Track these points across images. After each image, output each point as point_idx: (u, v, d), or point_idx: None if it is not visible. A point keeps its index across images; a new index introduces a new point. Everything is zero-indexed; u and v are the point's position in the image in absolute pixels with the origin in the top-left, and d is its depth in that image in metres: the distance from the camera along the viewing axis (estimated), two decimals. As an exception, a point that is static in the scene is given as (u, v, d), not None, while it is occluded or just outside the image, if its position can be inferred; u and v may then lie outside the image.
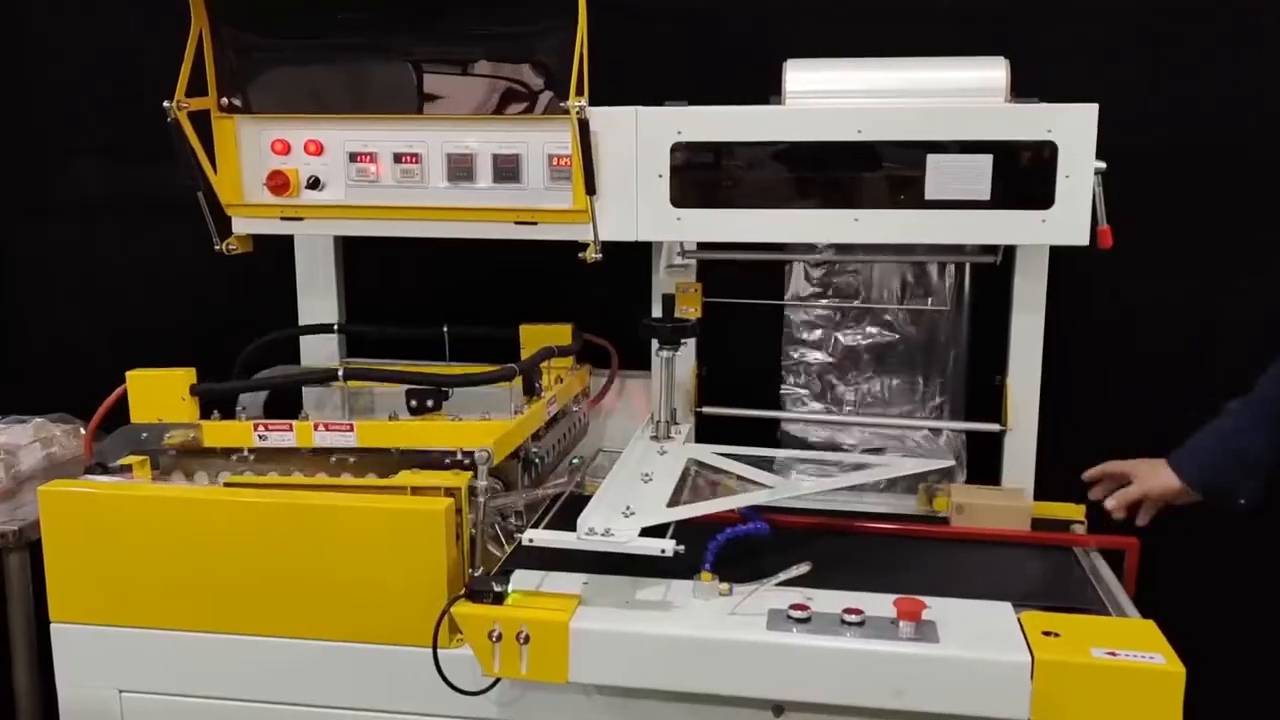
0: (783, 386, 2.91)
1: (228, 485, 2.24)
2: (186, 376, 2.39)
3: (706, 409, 2.83)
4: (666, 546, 1.85)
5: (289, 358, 2.99)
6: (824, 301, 2.85)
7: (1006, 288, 2.67)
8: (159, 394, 2.38)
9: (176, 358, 2.46)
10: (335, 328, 2.97)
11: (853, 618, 1.87)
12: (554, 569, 2.04)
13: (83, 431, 2.92)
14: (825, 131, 2.41)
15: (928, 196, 2.38)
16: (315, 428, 2.32)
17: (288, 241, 2.97)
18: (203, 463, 2.42)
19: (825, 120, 2.40)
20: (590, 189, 2.43)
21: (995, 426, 2.69)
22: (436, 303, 3.06)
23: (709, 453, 2.35)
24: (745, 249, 2.72)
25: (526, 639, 1.88)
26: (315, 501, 2.14)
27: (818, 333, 2.88)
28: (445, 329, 2.94)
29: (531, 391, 2.46)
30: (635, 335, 2.63)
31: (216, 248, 2.68)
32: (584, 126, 2.37)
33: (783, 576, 1.92)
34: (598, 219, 2.46)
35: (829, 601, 1.93)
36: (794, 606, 1.89)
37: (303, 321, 3.05)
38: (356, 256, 3.06)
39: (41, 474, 2.86)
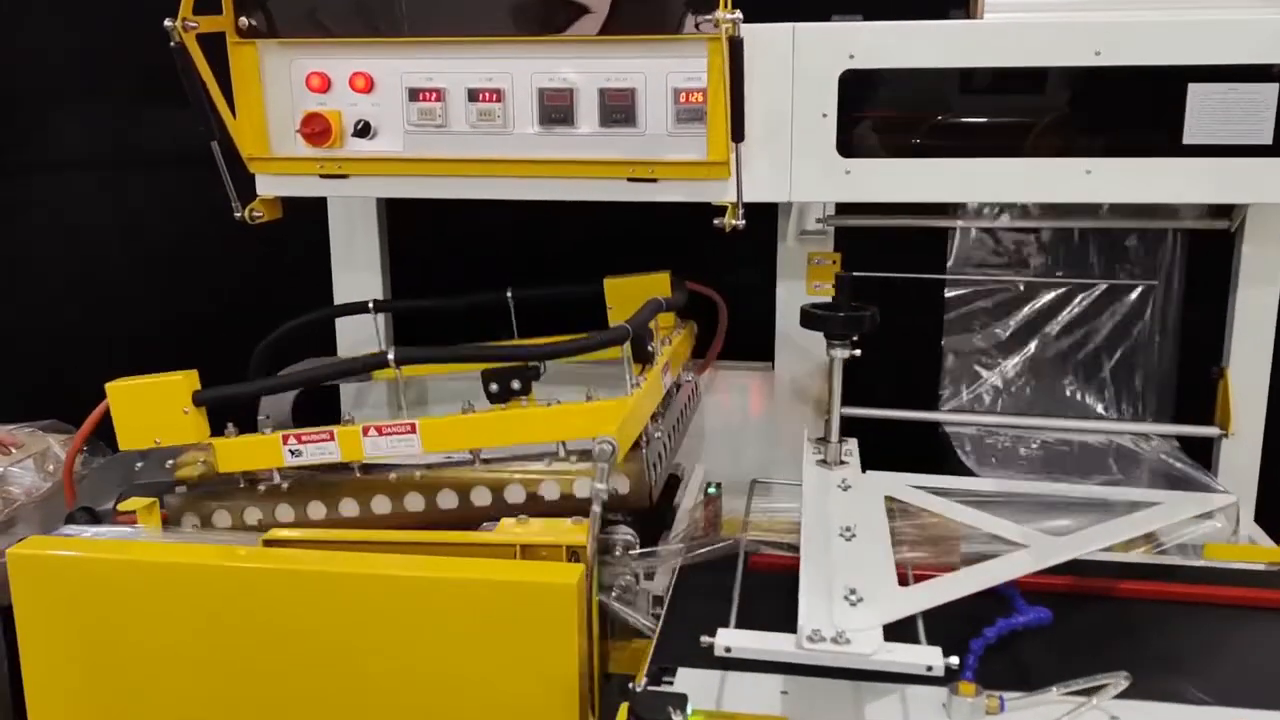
0: (942, 380, 2.26)
1: (265, 543, 1.56)
2: (186, 382, 1.69)
3: (846, 410, 2.18)
4: (934, 662, 1.20)
5: (320, 350, 2.31)
6: (1000, 275, 2.19)
7: (1226, 259, 2.04)
8: (153, 408, 1.69)
9: (179, 355, 1.79)
10: (370, 306, 2.26)
11: (1199, 758, 1.23)
12: (723, 664, 1.38)
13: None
14: (1051, 54, 1.73)
15: (1186, 140, 1.72)
16: (365, 433, 1.65)
17: (320, 204, 2.29)
18: (220, 497, 1.75)
19: (1052, 39, 1.72)
20: (738, 134, 1.75)
21: (1211, 430, 2.06)
22: (479, 276, 2.33)
23: (903, 485, 1.69)
24: (905, 211, 2.07)
25: (726, 792, 1.24)
26: (383, 569, 1.47)
27: (986, 315, 2.23)
28: (510, 293, 2.23)
29: (645, 358, 1.77)
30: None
31: (236, 215, 1.98)
32: (736, 48, 1.68)
33: (1082, 684, 1.28)
34: (743, 174, 1.79)
35: (1148, 724, 1.29)
36: (1111, 740, 1.25)
37: (340, 299, 2.38)
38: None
39: (39, 502, 2.15)
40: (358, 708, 1.47)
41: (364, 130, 1.89)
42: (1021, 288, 2.21)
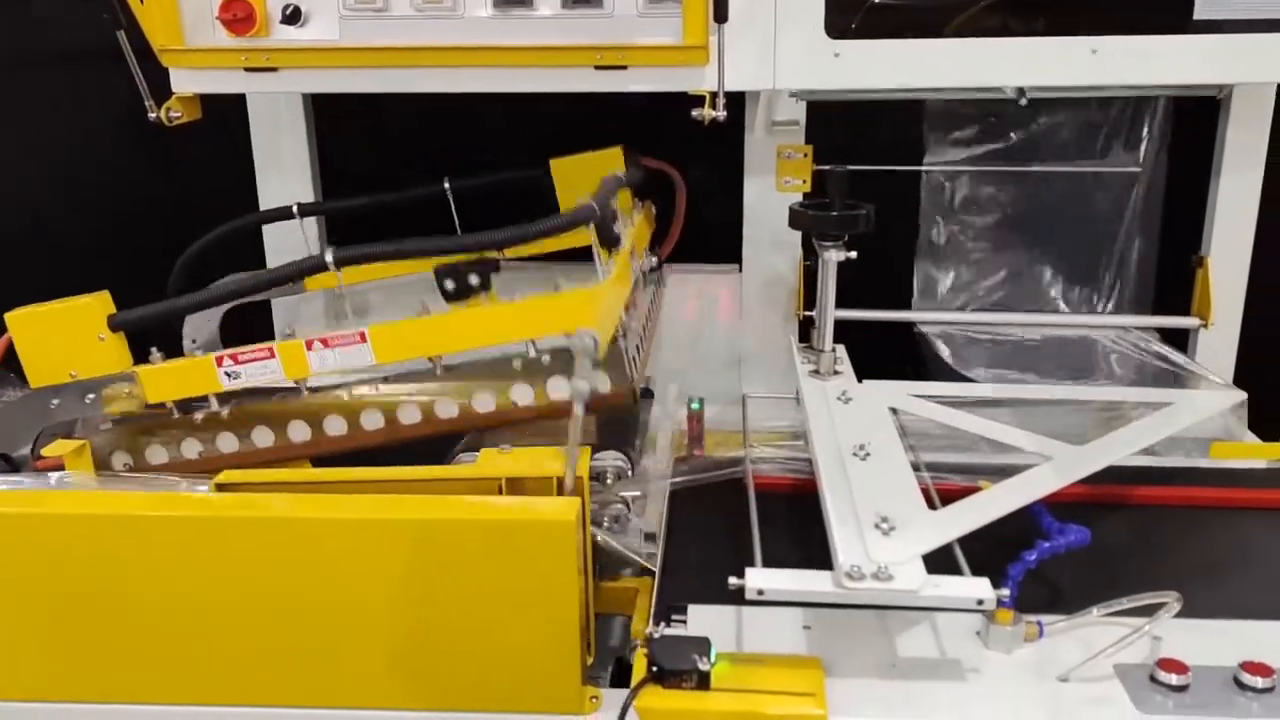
0: (915, 277, 2.12)
1: (219, 487, 1.35)
2: (99, 305, 1.44)
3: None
4: (985, 595, 1.07)
5: (247, 266, 2.06)
6: (980, 165, 2.03)
7: (1208, 145, 1.92)
8: (63, 337, 1.44)
9: (85, 276, 1.53)
10: (295, 209, 1.99)
11: (1258, 680, 1.12)
12: (735, 598, 1.23)
13: None
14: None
15: (1197, 15, 1.56)
16: (309, 347, 1.43)
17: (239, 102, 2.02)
18: (152, 431, 1.53)
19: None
20: (722, 14, 1.54)
21: (1191, 321, 1.96)
22: (414, 177, 2.06)
23: (905, 395, 1.54)
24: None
25: (759, 744, 1.09)
26: (359, 512, 1.28)
27: (965, 206, 2.08)
28: (448, 185, 1.98)
29: (612, 241, 1.54)
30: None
31: (151, 116, 1.71)
32: (717, -91, 1.47)
33: (1126, 604, 1.17)
34: (724, 59, 1.58)
35: (1192, 644, 1.18)
36: (1164, 666, 1.13)
37: (264, 205, 2.13)
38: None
39: None
40: (337, 661, 1.28)
41: (293, 16, 1.63)
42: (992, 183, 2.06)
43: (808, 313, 2.03)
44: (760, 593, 1.07)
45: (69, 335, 1.45)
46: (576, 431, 1.26)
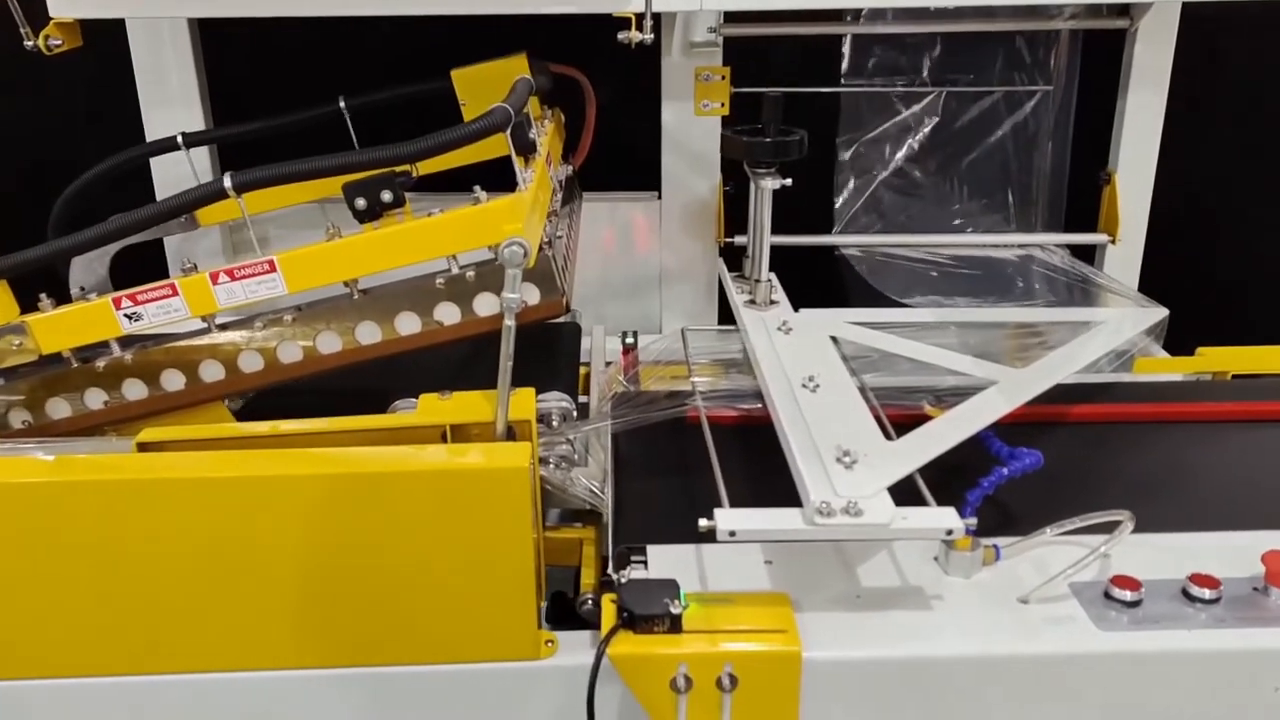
0: (836, 201, 2.08)
1: (140, 447, 1.22)
2: (-29, 251, 1.31)
3: (739, 238, 1.98)
4: (954, 525, 1.04)
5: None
6: (895, 87, 1.99)
7: (1117, 62, 1.92)
8: (-64, 289, 1.30)
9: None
10: (180, 139, 1.82)
11: (1206, 592, 1.13)
12: (682, 536, 1.19)
13: None
14: None
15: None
16: (214, 280, 1.29)
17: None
18: (52, 385, 1.39)
19: None
20: (650, -73, 1.44)
21: (1100, 237, 1.98)
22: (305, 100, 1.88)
23: (843, 323, 1.50)
24: (790, 20, 1.84)
25: (734, 683, 1.06)
26: (300, 468, 1.17)
27: (879, 129, 2.04)
28: (343, 103, 1.82)
29: (528, 147, 1.44)
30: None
31: (28, 45, 1.53)
32: None
33: (1077, 523, 1.16)
34: (652, -26, 1.48)
35: (1142, 560, 1.18)
36: (1117, 583, 1.13)
37: (151, 138, 1.96)
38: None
39: None
40: (285, 621, 1.19)
41: (181, -74, 1.47)
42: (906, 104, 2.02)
43: (729, 239, 1.98)
44: (732, 534, 1.02)
45: (-58, 284, 1.30)
46: (509, 345, 1.18)
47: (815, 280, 2.03)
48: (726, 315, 2.05)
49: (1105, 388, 1.51)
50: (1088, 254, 2.03)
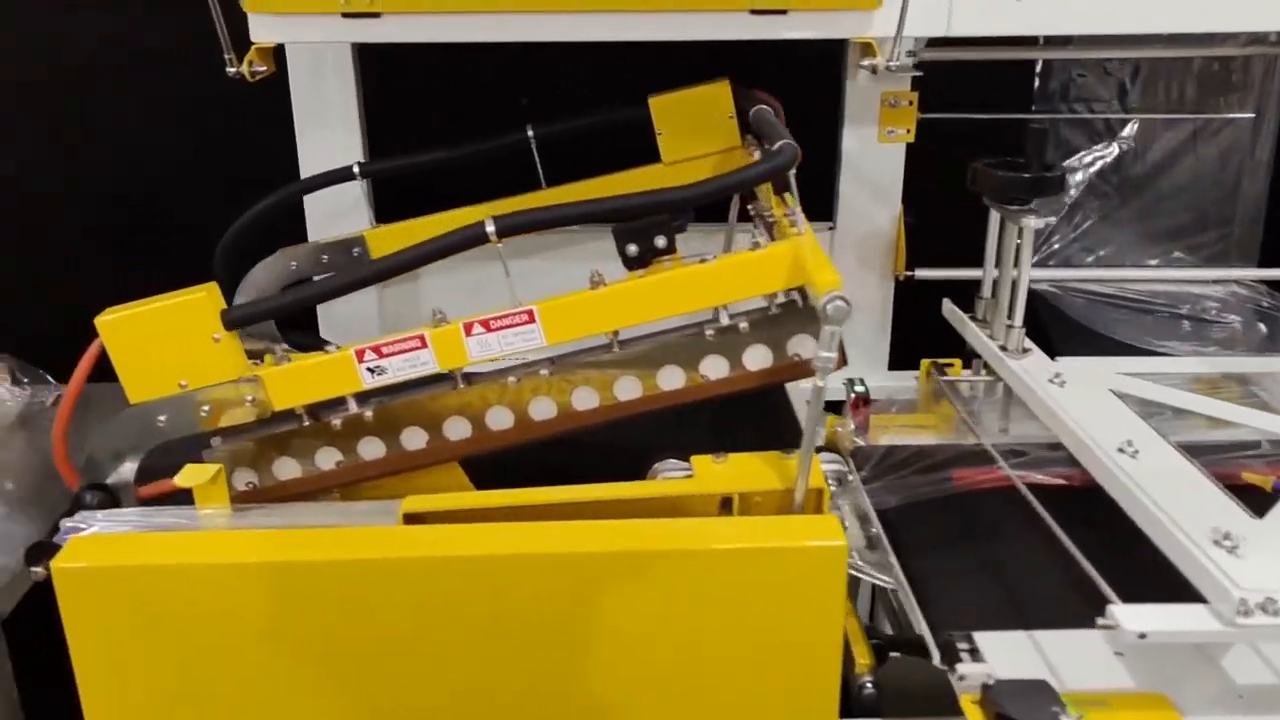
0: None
1: (408, 519, 1.10)
2: (210, 301, 1.17)
3: (920, 272, 1.86)
4: None
5: (290, 239, 1.76)
6: (1090, 114, 1.86)
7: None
8: (169, 340, 1.17)
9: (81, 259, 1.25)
10: (356, 170, 1.72)
11: None
12: (1001, 620, 1.06)
13: (11, 375, 1.63)
14: None
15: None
16: (468, 331, 1.17)
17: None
18: (281, 443, 1.25)
19: None
20: (908, -50, 1.31)
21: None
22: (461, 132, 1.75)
23: (1114, 374, 1.36)
24: (996, 45, 1.70)
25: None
26: (583, 544, 1.04)
27: (1071, 157, 1.91)
28: (530, 131, 1.69)
29: (786, 185, 1.28)
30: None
31: (231, 71, 1.41)
32: None
33: None
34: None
35: None
36: None
37: (306, 172, 1.83)
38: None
39: None
40: (559, 711, 1.07)
41: (406, -50, 1.34)
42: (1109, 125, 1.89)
43: (909, 272, 1.86)
44: (1143, 635, 0.89)
45: (177, 338, 1.17)
46: (817, 416, 1.06)
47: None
48: (899, 353, 1.92)
49: None
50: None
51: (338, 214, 1.88)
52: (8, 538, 1.37)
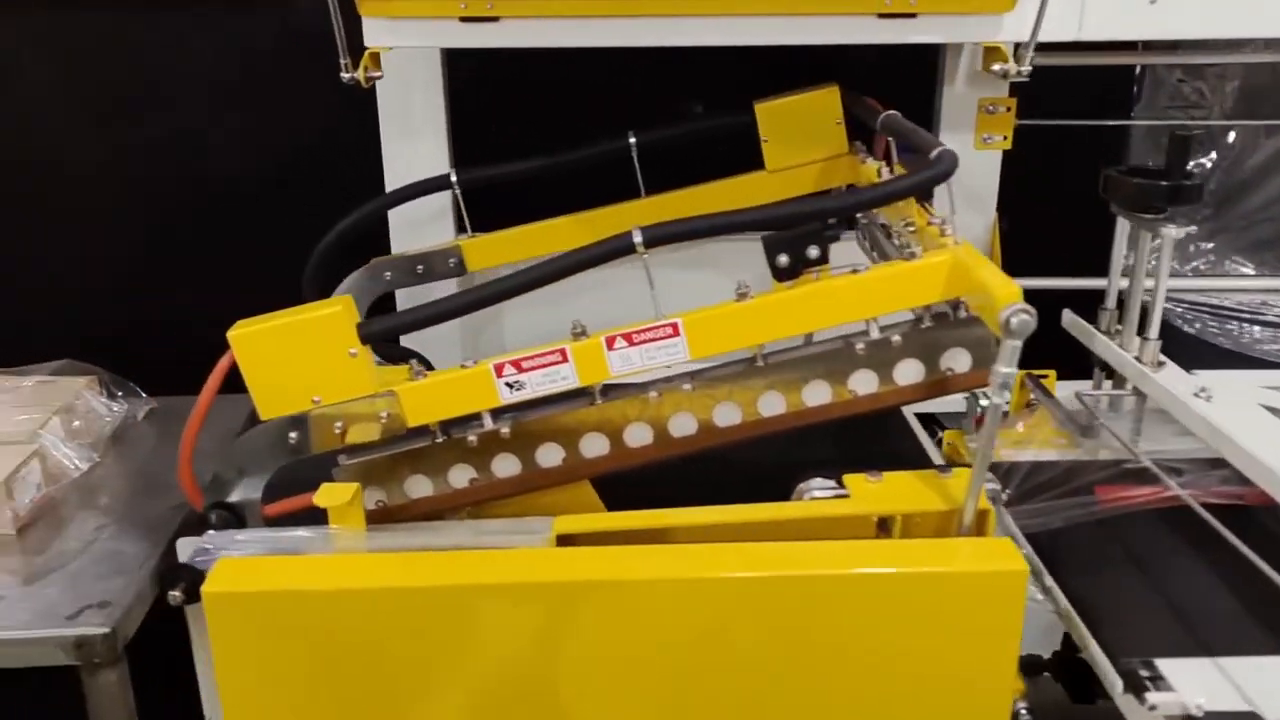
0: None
1: (560, 540, 1.06)
2: (346, 314, 1.14)
3: (1033, 281, 1.80)
4: None
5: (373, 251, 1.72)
6: (1188, 120, 1.82)
7: None
8: (305, 356, 1.13)
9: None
10: (453, 179, 1.66)
11: None
12: (1178, 647, 1.02)
13: (103, 388, 1.58)
14: None
15: None
16: (610, 345, 1.13)
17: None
18: (415, 460, 1.19)
19: None
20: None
21: None
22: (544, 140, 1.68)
23: (1259, 388, 1.32)
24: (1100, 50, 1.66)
25: None
26: (748, 565, 1.00)
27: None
28: (633, 139, 1.62)
29: (928, 196, 1.26)
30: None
31: (346, 77, 1.37)
32: None
33: None
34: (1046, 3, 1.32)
35: None
36: None
37: (391, 182, 1.79)
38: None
39: (71, 489, 1.47)
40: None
41: (529, -46, 1.30)
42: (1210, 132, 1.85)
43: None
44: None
45: (311, 353, 1.13)
46: (993, 433, 1.02)
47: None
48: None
49: None
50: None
51: (418, 224, 1.84)
52: (117, 556, 1.32)
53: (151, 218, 2.00)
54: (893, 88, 1.54)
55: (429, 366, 1.22)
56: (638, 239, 1.13)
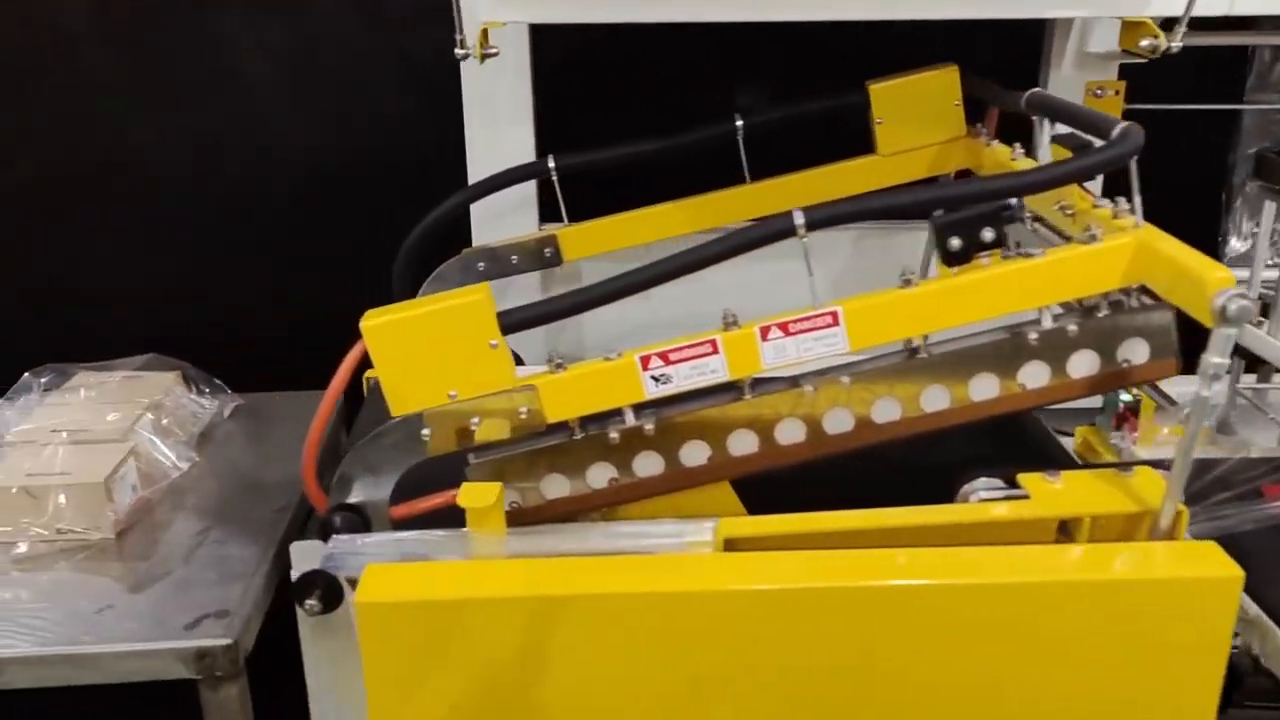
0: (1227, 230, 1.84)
1: (727, 544, 0.98)
2: (486, 303, 1.06)
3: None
4: None
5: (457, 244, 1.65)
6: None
7: None
8: (442, 348, 1.05)
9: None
10: (551, 165, 1.58)
11: None
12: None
13: (189, 384, 1.51)
14: None
15: None
16: (764, 335, 1.05)
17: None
18: (553, 457, 1.12)
19: None
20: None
21: None
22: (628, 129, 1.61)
23: None
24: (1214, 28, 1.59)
25: None
26: (929, 573, 0.93)
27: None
28: (739, 121, 1.54)
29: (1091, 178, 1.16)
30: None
31: (460, 54, 1.30)
32: None
33: None
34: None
35: None
36: None
37: (474, 170, 1.71)
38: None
39: (166, 489, 1.39)
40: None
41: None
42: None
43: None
44: None
45: (449, 345, 1.06)
46: (1198, 429, 0.94)
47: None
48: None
49: None
50: None
51: (503, 214, 1.76)
52: (226, 561, 1.24)
53: (226, 210, 1.92)
54: (991, 74, 1.47)
55: (519, 362, 1.15)
56: (799, 220, 1.06)
